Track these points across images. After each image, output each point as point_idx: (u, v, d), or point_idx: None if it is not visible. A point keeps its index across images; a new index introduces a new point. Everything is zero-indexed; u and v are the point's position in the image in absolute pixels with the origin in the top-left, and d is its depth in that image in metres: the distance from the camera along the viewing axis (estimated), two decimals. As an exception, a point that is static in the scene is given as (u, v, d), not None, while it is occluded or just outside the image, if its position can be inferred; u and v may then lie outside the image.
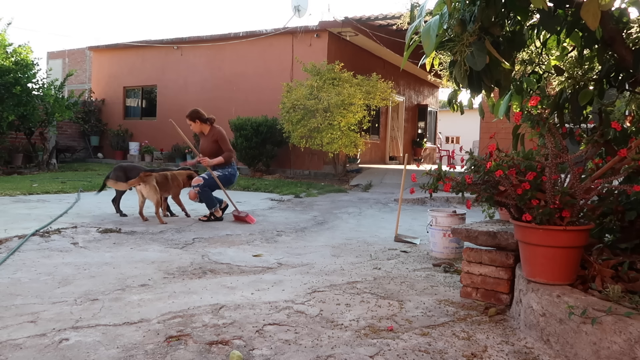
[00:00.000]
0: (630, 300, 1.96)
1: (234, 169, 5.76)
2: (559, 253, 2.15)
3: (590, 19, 1.84)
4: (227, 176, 5.66)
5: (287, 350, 2.04)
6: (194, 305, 2.57)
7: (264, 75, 12.56)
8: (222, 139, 5.66)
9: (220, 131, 5.70)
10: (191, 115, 5.66)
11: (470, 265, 2.78)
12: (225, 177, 5.62)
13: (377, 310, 2.56)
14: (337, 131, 10.01)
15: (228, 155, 5.63)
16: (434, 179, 2.42)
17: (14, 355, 1.94)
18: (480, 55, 2.13)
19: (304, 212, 6.47)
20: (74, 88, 18.72)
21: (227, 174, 5.66)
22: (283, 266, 3.55)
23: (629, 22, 2.62)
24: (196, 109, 5.73)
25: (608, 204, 2.36)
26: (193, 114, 5.67)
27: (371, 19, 11.50)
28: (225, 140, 5.67)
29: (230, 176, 5.69)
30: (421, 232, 4.98)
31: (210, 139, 5.67)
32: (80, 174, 10.52)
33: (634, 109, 3.13)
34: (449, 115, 24.42)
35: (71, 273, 3.17)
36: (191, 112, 5.69)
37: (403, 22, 3.39)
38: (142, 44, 14.66)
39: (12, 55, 10.87)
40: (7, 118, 10.48)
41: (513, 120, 2.54)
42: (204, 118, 5.69)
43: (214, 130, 5.70)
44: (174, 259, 3.65)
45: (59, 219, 5.03)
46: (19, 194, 6.99)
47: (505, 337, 2.23)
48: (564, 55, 3.02)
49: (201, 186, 5.40)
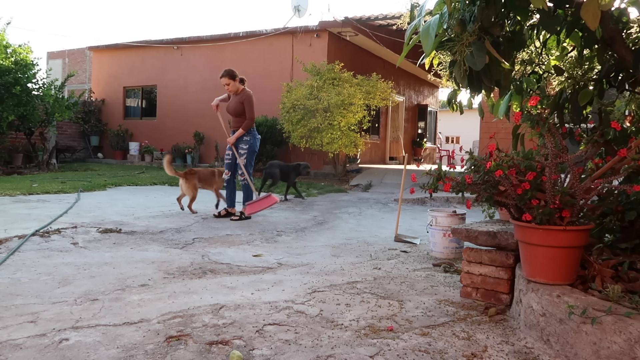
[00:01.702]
0: (630, 300, 1.96)
1: (254, 136, 5.77)
2: (559, 253, 2.15)
3: (590, 19, 1.84)
4: (251, 148, 5.71)
5: (287, 350, 2.04)
6: (194, 305, 2.57)
7: (264, 75, 12.56)
8: (248, 102, 5.69)
9: (249, 95, 5.74)
10: (230, 73, 5.70)
11: (470, 265, 2.78)
12: (251, 151, 5.71)
13: (377, 310, 2.56)
14: (337, 131, 10.01)
15: (247, 124, 5.65)
16: (434, 179, 2.42)
17: (14, 355, 1.94)
18: (479, 55, 2.13)
19: (304, 212, 6.47)
20: (74, 88, 18.72)
21: (251, 146, 5.71)
22: (283, 266, 3.55)
23: (629, 22, 2.62)
24: (231, 69, 5.78)
25: (608, 204, 2.36)
26: (230, 71, 5.71)
27: (371, 19, 11.51)
28: (250, 105, 5.69)
29: (253, 147, 5.75)
30: (421, 232, 4.98)
31: (239, 99, 5.72)
32: (80, 174, 10.52)
33: (634, 109, 3.13)
34: (449, 115, 24.40)
35: (71, 273, 3.17)
36: (227, 70, 5.73)
37: (403, 22, 3.39)
38: (142, 44, 14.66)
39: (12, 55, 10.87)
40: (7, 118, 10.48)
41: (513, 120, 2.54)
42: (239, 77, 5.78)
43: (245, 93, 5.74)
44: (174, 259, 3.65)
45: (59, 219, 5.03)
46: (19, 194, 6.98)
47: (505, 337, 2.23)
48: (564, 55, 3.02)
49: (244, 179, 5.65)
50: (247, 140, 5.70)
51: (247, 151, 5.68)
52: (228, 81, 5.70)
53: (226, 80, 5.70)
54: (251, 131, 5.74)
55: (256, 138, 5.81)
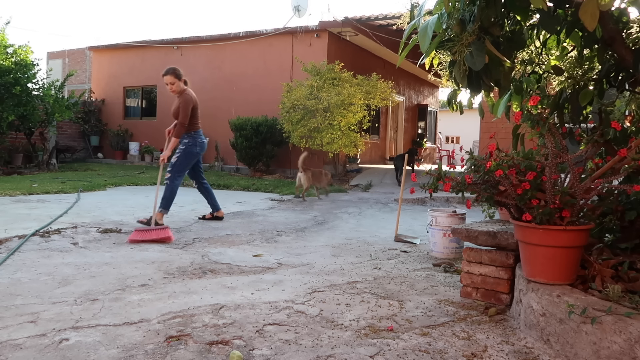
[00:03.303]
0: (630, 300, 1.96)
1: (194, 139, 5.08)
2: (559, 253, 2.15)
3: (588, 19, 1.84)
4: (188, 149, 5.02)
5: (287, 350, 2.04)
6: (194, 305, 2.57)
7: (264, 75, 12.57)
8: (183, 105, 4.97)
9: (186, 98, 4.99)
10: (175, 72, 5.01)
11: (470, 265, 2.78)
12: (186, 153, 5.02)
13: (377, 310, 2.56)
14: (337, 131, 10.01)
15: (178, 131, 4.96)
16: (434, 178, 2.42)
17: (14, 355, 1.94)
18: (479, 55, 2.13)
19: (304, 212, 6.47)
20: (74, 88, 18.72)
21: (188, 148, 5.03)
22: (283, 266, 3.55)
23: (629, 22, 2.62)
24: (175, 67, 5.09)
25: (608, 203, 2.36)
26: (175, 70, 5.03)
27: (371, 19, 11.50)
28: (185, 109, 4.95)
29: (191, 149, 5.05)
30: (421, 232, 4.98)
31: (178, 102, 5.03)
32: (80, 174, 10.52)
33: (634, 109, 3.13)
34: (449, 115, 24.40)
35: (71, 273, 3.17)
36: (172, 68, 5.04)
37: (403, 22, 3.40)
38: (142, 44, 14.66)
39: (12, 55, 10.87)
40: (7, 118, 10.48)
41: (513, 120, 2.54)
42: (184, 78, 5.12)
43: (183, 95, 5.04)
44: (174, 259, 3.65)
45: (59, 219, 5.03)
46: (19, 194, 6.98)
47: (505, 337, 2.23)
48: (564, 55, 3.02)
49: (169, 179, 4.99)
50: (185, 142, 5.05)
51: (182, 152, 5.02)
52: (173, 80, 5.00)
53: (170, 78, 5.00)
54: (192, 134, 5.07)
55: (196, 142, 5.10)
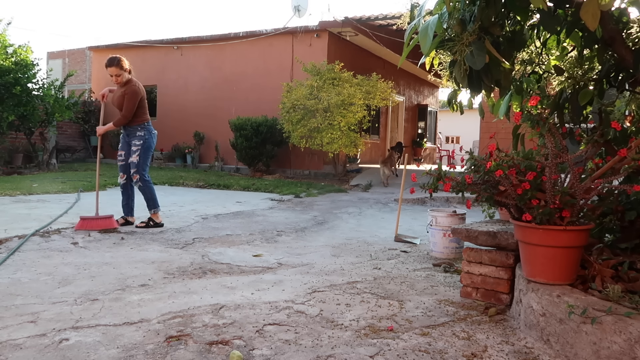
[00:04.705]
0: (630, 300, 1.96)
1: (149, 131, 4.95)
2: (559, 253, 2.15)
3: (590, 19, 1.84)
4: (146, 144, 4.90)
5: (287, 350, 2.04)
6: (194, 305, 2.57)
7: (264, 75, 12.56)
8: (129, 96, 4.79)
9: (134, 90, 4.81)
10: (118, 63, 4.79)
11: (470, 265, 2.78)
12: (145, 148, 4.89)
13: (377, 310, 2.56)
14: (337, 131, 10.01)
15: (119, 120, 4.84)
16: (434, 178, 2.42)
17: (14, 355, 1.94)
18: (479, 55, 2.13)
19: (304, 212, 6.47)
20: (74, 88, 18.70)
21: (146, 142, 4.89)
22: (283, 266, 3.55)
23: (629, 22, 2.62)
24: (118, 56, 4.88)
25: (608, 204, 2.36)
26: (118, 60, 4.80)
27: (371, 19, 11.50)
28: (131, 100, 4.78)
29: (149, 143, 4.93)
30: (421, 232, 4.98)
31: (123, 92, 4.84)
32: (80, 174, 10.52)
33: (634, 109, 3.13)
34: (449, 115, 24.40)
35: (71, 273, 3.17)
36: (115, 58, 4.81)
37: (403, 22, 3.40)
38: (142, 44, 14.65)
39: (12, 55, 10.87)
40: (7, 118, 10.48)
41: (513, 120, 2.54)
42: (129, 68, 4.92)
43: (130, 85, 4.86)
44: (174, 259, 3.65)
45: (59, 219, 5.03)
46: (19, 194, 6.98)
47: (505, 337, 2.23)
48: (564, 55, 3.02)
49: (140, 180, 4.88)
50: (140, 135, 4.84)
51: (140, 147, 4.84)
52: (118, 72, 4.77)
53: (115, 70, 4.76)
54: (145, 126, 4.90)
55: (152, 134, 4.95)
